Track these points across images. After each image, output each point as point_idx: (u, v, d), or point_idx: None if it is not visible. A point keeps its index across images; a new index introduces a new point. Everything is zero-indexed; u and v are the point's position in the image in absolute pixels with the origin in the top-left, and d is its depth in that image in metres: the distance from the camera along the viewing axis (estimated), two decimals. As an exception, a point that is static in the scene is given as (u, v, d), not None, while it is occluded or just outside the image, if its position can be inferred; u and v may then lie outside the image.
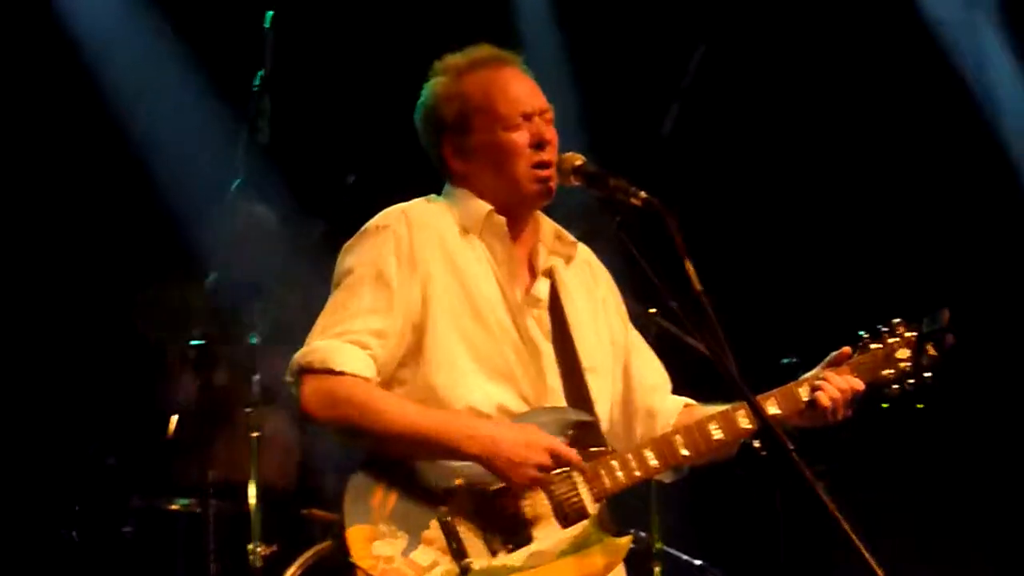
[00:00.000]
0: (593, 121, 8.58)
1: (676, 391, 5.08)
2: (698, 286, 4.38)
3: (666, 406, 4.99)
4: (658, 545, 7.43)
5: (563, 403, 4.72)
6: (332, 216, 8.22)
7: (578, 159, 4.64)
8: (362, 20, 8.91)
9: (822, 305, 9.54)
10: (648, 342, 5.20)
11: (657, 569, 7.43)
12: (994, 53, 9.85)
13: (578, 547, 4.52)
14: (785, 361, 8.93)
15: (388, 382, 4.59)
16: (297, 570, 7.12)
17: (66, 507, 7.51)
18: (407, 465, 4.49)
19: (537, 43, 9.20)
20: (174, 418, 7.27)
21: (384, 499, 4.43)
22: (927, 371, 4.93)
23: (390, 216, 4.73)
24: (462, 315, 4.65)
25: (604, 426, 4.78)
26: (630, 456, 4.64)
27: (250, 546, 7.04)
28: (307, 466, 8.01)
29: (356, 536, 4.36)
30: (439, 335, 4.60)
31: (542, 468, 4.47)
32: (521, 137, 4.72)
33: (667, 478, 4.92)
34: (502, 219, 4.77)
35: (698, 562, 7.61)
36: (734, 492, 4.34)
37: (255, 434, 7.15)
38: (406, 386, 4.60)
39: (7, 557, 7.91)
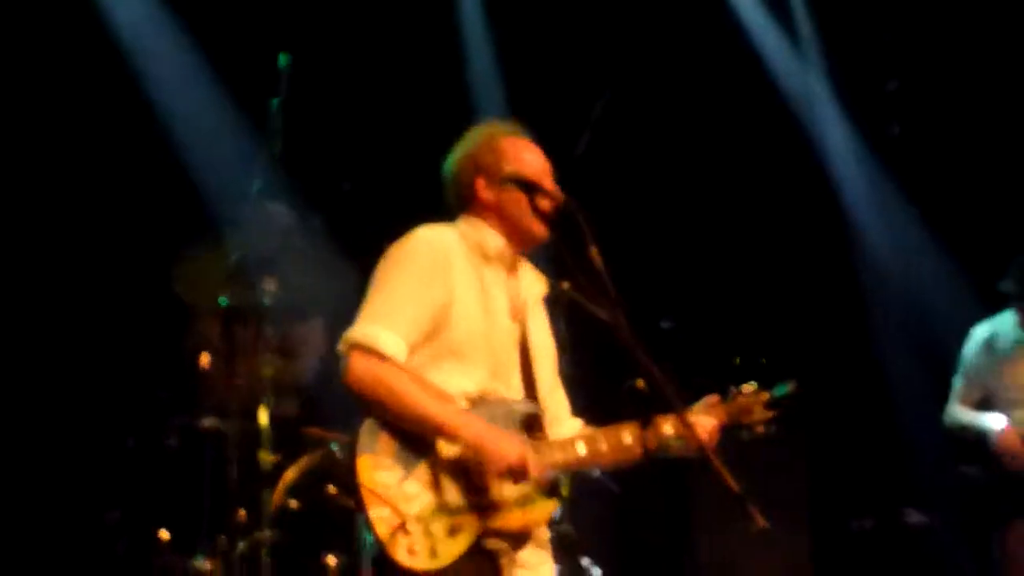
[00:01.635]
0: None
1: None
2: (600, 267, 4.55)
3: (569, 420, 5.03)
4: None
5: (521, 396, 4.77)
6: (329, 213, 8.31)
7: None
8: (352, 60, 9.01)
9: (695, 285, 9.74)
10: (559, 311, 5.23)
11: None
12: (822, 102, 9.99)
13: (522, 502, 4.58)
14: (664, 325, 9.11)
15: (410, 354, 4.60)
16: (295, 472, 7.27)
17: (126, 424, 7.59)
18: None
19: (481, 82, 9.33)
20: (206, 357, 7.35)
21: (389, 441, 4.47)
22: (771, 425, 5.05)
23: (429, 232, 4.75)
24: (473, 320, 4.68)
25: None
26: (565, 444, 4.73)
27: (260, 454, 7.06)
28: (306, 395, 8.06)
29: (364, 464, 4.42)
30: (453, 331, 4.64)
31: (511, 468, 4.49)
32: (548, 181, 4.84)
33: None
34: (510, 251, 4.83)
35: (596, 474, 7.70)
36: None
37: (268, 372, 7.17)
38: (420, 358, 4.61)
39: (86, 460, 7.98)
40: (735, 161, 9.88)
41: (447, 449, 4.51)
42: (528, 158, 4.88)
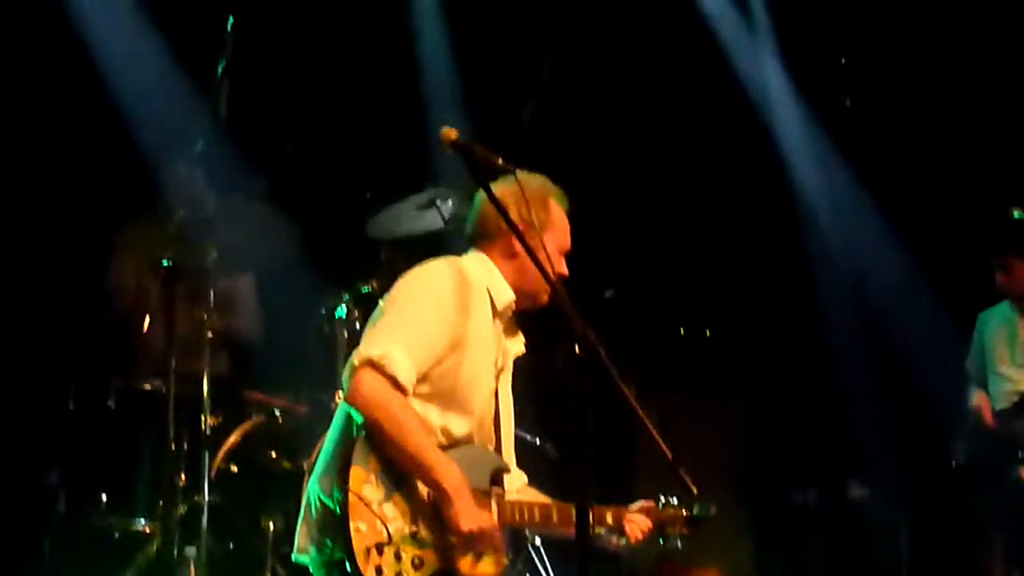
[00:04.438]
0: (471, 109, 8.76)
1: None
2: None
3: (515, 470, 5.05)
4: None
5: (493, 448, 4.89)
6: (272, 175, 8.32)
7: (453, 133, 4.56)
8: (298, 25, 9.01)
9: (639, 254, 9.81)
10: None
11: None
12: (773, 75, 10.10)
13: (480, 554, 4.64)
14: (607, 295, 9.19)
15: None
16: (237, 436, 7.36)
17: (65, 385, 7.52)
18: None
19: (431, 58, 9.33)
20: (147, 319, 7.35)
21: (377, 461, 4.52)
22: (687, 537, 5.19)
23: (458, 267, 4.79)
24: (474, 369, 4.73)
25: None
26: (523, 506, 4.83)
27: (202, 417, 7.13)
28: (246, 359, 8.15)
29: (355, 475, 4.48)
30: (453, 375, 4.69)
31: (473, 533, 4.55)
32: (562, 264, 4.90)
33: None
34: (511, 309, 4.87)
35: (537, 441, 7.72)
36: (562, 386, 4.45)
37: (208, 335, 7.22)
38: (418, 389, 4.64)
39: (25, 424, 7.91)
40: (683, 130, 9.93)
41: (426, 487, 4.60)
42: (566, 238, 4.95)
